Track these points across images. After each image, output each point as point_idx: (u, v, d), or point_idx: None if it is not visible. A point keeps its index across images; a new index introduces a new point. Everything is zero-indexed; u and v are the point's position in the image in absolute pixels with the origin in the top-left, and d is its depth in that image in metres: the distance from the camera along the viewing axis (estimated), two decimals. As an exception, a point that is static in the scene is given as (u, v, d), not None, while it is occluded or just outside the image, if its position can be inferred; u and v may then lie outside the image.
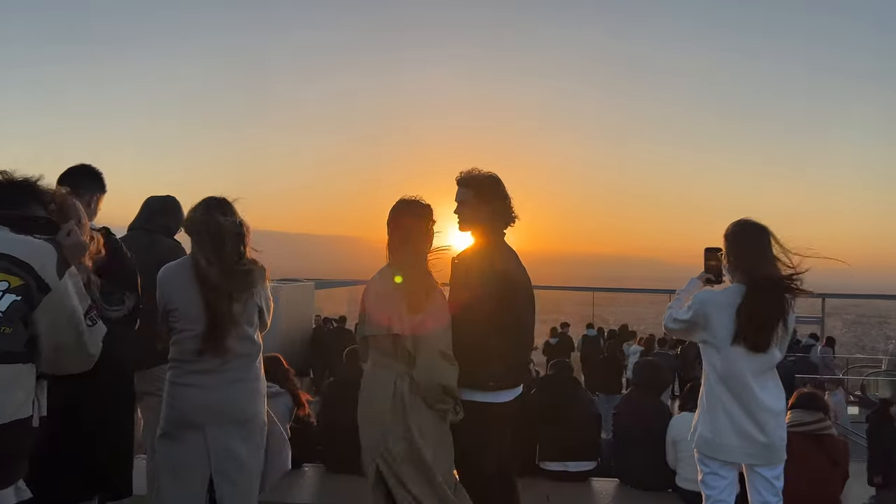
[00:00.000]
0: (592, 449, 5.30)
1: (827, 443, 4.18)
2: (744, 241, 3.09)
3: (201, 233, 2.96)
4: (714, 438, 3.10)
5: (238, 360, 2.99)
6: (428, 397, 2.96)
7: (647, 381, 5.23)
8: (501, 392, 3.11)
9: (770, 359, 3.03)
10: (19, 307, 1.90)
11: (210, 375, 2.94)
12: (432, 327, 2.94)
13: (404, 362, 3.00)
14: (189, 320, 2.94)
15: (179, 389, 2.99)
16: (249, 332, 3.02)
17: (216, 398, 2.94)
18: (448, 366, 2.94)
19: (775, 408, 3.07)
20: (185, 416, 2.96)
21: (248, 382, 3.03)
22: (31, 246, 2.00)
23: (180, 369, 2.99)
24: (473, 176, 3.24)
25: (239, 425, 2.99)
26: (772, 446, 3.06)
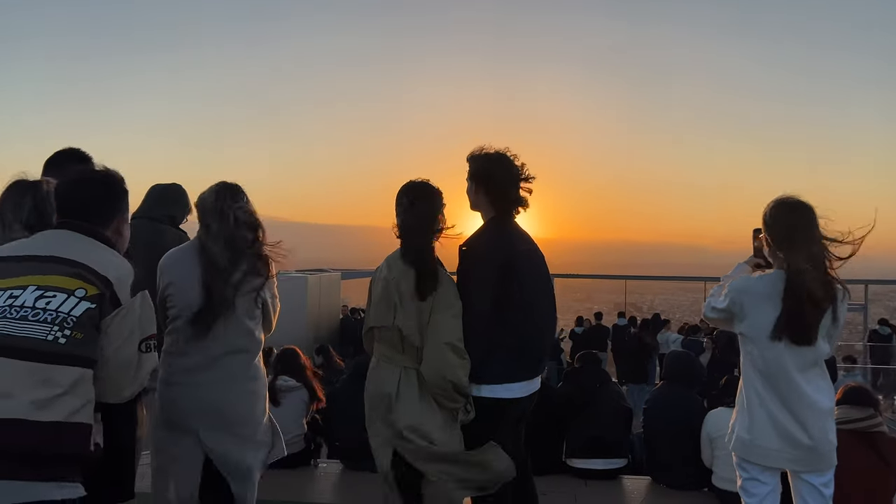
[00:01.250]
0: (622, 445, 5.02)
1: (878, 440, 3.85)
2: (782, 222, 2.76)
3: (211, 215, 2.81)
4: (753, 440, 2.80)
5: (233, 357, 2.80)
6: (437, 394, 2.74)
7: (678, 374, 4.92)
8: (508, 386, 2.86)
9: (816, 353, 2.72)
10: (92, 315, 2.00)
11: (202, 373, 2.77)
12: (440, 317, 2.71)
13: (410, 356, 2.78)
14: (186, 305, 2.77)
15: (171, 390, 2.82)
16: (248, 324, 2.82)
17: (209, 400, 2.77)
18: (458, 359, 2.71)
19: (824, 406, 2.75)
20: (178, 418, 2.81)
21: (243, 382, 2.84)
22: (112, 261, 2.15)
23: (172, 366, 2.82)
24: (473, 156, 3.01)
25: (235, 429, 2.81)
26: (818, 450, 2.74)
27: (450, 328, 2.72)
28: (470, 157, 3.02)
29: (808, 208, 2.74)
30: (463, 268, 2.91)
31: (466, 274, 2.88)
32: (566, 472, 5.05)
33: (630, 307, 22.85)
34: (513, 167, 2.99)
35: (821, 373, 2.79)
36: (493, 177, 2.95)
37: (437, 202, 2.93)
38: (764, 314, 2.73)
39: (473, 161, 3.01)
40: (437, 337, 2.71)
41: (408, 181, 2.96)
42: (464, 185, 3.08)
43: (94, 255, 2.12)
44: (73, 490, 1.96)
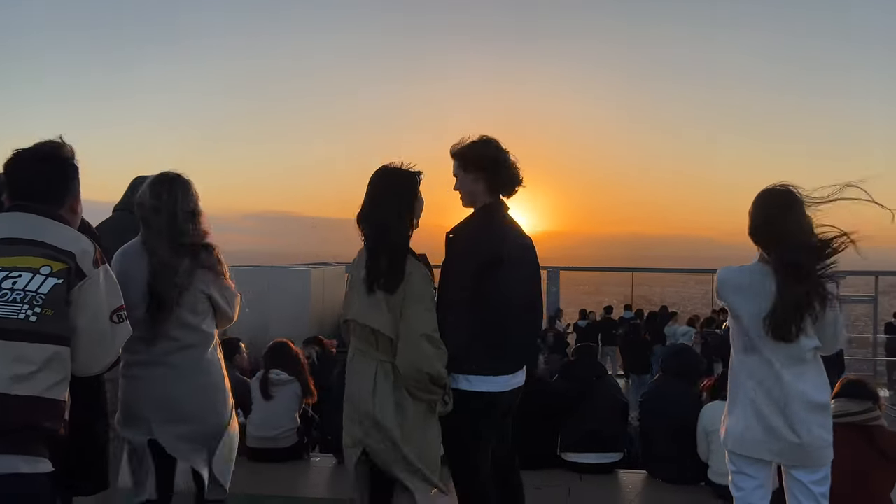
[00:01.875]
0: (617, 439, 4.96)
1: (876, 435, 3.75)
2: (761, 214, 2.66)
3: (149, 211, 2.74)
4: (739, 433, 2.72)
5: (181, 353, 2.75)
6: (412, 387, 2.67)
7: (675, 368, 4.83)
8: (488, 378, 2.78)
9: (800, 348, 2.62)
10: (60, 290, 2.06)
11: (154, 367, 2.73)
12: (412, 310, 2.64)
13: (385, 350, 2.71)
14: (132, 304, 2.68)
15: (128, 382, 2.79)
16: (192, 320, 2.74)
17: (161, 394, 2.73)
18: (434, 350, 2.63)
19: (815, 400, 2.64)
20: (133, 410, 2.79)
21: (196, 376, 2.77)
22: (72, 236, 2.22)
23: (127, 359, 2.75)
24: (462, 146, 2.90)
25: (187, 422, 2.76)
26: (806, 448, 2.63)
27: (423, 320, 2.64)
28: (461, 147, 2.91)
29: (790, 200, 2.62)
30: (447, 256, 2.83)
31: (450, 263, 2.81)
32: (561, 466, 4.99)
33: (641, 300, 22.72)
34: (504, 151, 2.90)
35: (813, 366, 2.68)
36: (493, 162, 2.86)
37: (405, 189, 2.81)
38: (743, 307, 2.65)
39: (470, 150, 2.89)
40: (410, 329, 2.63)
41: (381, 166, 2.84)
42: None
43: (53, 232, 2.18)
44: (43, 465, 2.02)
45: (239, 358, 5.60)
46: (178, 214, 2.72)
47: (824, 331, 2.63)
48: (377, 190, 2.79)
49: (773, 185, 2.68)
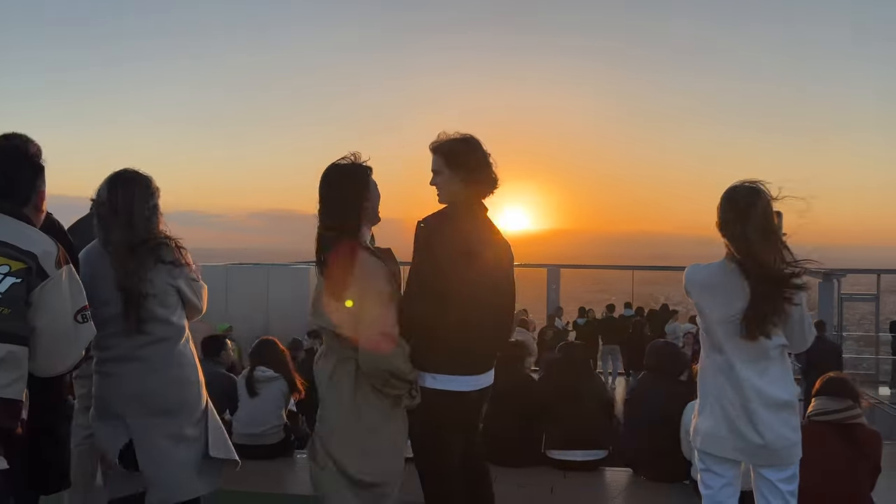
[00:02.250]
0: (602, 437, 4.95)
1: (856, 433, 3.73)
2: (727, 211, 2.64)
3: (107, 211, 2.74)
4: (705, 430, 2.72)
5: (152, 347, 2.76)
6: (375, 383, 2.67)
7: (659, 365, 4.82)
8: (455, 378, 2.76)
9: (759, 346, 2.60)
10: (19, 289, 2.06)
11: (126, 363, 2.74)
12: (368, 306, 2.62)
13: (347, 346, 2.71)
14: (101, 302, 2.72)
15: (101, 378, 2.82)
16: (162, 313, 2.75)
17: (134, 388, 2.74)
18: (392, 347, 2.62)
19: (778, 398, 2.62)
20: (106, 405, 2.80)
21: (168, 370, 2.78)
22: (34, 237, 2.20)
23: (100, 356, 2.81)
24: (444, 141, 2.87)
25: (162, 416, 2.76)
26: (770, 447, 2.62)
27: (380, 316, 2.63)
28: (440, 142, 2.88)
29: (756, 198, 2.60)
30: (415, 248, 2.79)
31: (417, 256, 2.77)
32: (545, 463, 4.99)
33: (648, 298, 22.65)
34: (483, 149, 2.89)
35: (779, 363, 2.67)
36: (476, 161, 2.85)
37: (354, 186, 2.77)
38: (710, 305, 2.65)
39: (448, 146, 2.86)
40: (367, 327, 2.63)
41: (331, 163, 2.81)
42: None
43: (15, 231, 2.17)
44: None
45: (225, 355, 5.61)
46: (136, 212, 2.73)
47: (791, 328, 2.62)
48: (326, 189, 2.77)
49: (741, 182, 2.67)
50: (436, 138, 2.88)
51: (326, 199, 2.76)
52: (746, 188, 2.63)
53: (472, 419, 2.98)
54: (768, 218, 2.56)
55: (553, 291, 17.70)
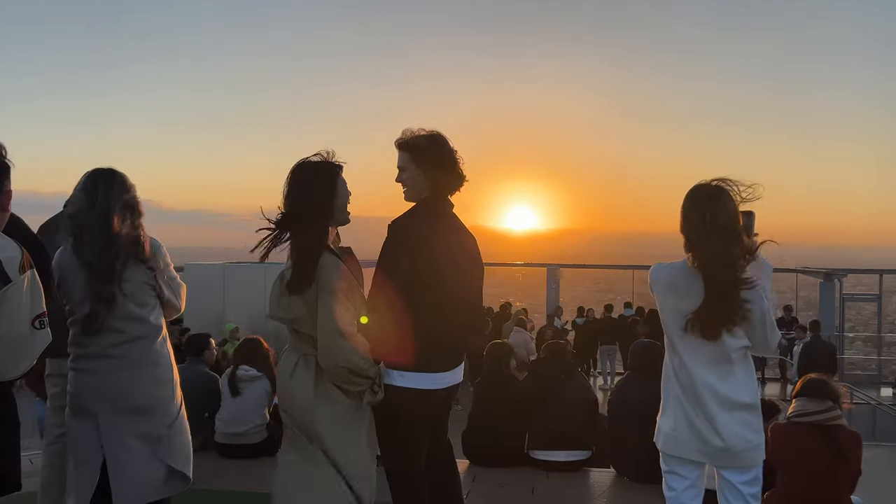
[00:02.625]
0: (586, 437, 4.91)
1: (836, 435, 3.69)
2: (687, 211, 2.60)
3: (83, 210, 2.73)
4: (667, 432, 2.69)
5: (131, 344, 2.76)
6: (336, 381, 2.64)
7: (643, 365, 4.76)
8: (422, 375, 2.73)
9: (720, 347, 2.56)
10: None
11: (102, 360, 2.75)
12: (325, 303, 2.59)
13: (308, 343, 2.69)
14: (76, 302, 2.76)
15: (75, 374, 2.82)
16: (138, 312, 2.76)
17: (108, 385, 2.75)
18: (351, 344, 2.59)
19: (738, 400, 2.57)
20: (80, 402, 2.80)
21: (143, 367, 2.79)
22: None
23: (76, 353, 2.82)
24: (411, 138, 2.84)
25: (134, 414, 2.76)
26: (730, 449, 2.57)
27: (336, 314, 2.59)
28: (406, 139, 2.85)
29: (716, 197, 2.55)
30: (384, 247, 2.77)
31: (385, 255, 2.75)
32: (528, 463, 4.96)
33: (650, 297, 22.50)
34: (449, 145, 2.86)
35: (740, 367, 2.61)
36: (444, 158, 2.82)
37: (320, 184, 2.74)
38: (667, 306, 2.61)
39: (414, 143, 2.83)
40: (323, 324, 2.60)
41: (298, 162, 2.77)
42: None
43: None
44: None
45: (208, 354, 5.59)
46: (112, 209, 2.71)
47: (753, 330, 2.57)
48: (292, 184, 2.74)
49: (705, 182, 2.64)
50: (400, 135, 2.86)
51: (292, 194, 2.73)
52: (708, 188, 2.59)
53: (440, 417, 2.96)
54: (729, 218, 2.52)
55: (553, 291, 17.65)
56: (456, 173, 2.86)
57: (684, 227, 2.61)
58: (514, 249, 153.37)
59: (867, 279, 19.98)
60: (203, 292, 11.68)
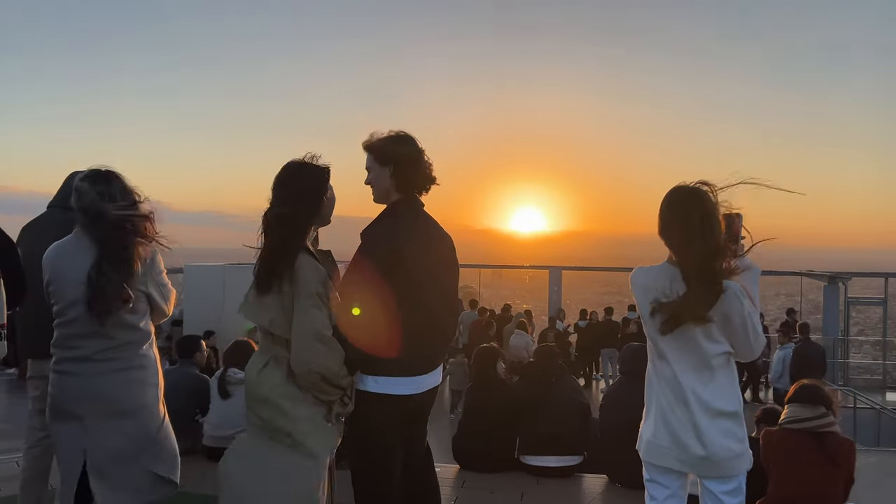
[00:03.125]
0: (577, 442, 4.84)
1: (827, 441, 3.62)
2: (665, 212, 2.54)
3: (86, 209, 2.71)
4: (649, 439, 2.62)
5: (119, 349, 2.76)
6: (307, 388, 2.58)
7: (634, 369, 4.69)
8: (396, 380, 2.67)
9: (698, 351, 2.49)
10: None
11: (90, 363, 2.73)
12: (301, 306, 2.54)
13: (282, 345, 2.63)
14: (65, 303, 2.73)
15: (59, 377, 2.79)
16: (129, 319, 2.75)
17: (95, 388, 2.73)
18: (325, 350, 2.53)
19: (720, 408, 2.50)
20: (64, 405, 2.77)
21: (131, 371, 2.78)
22: None
23: (61, 355, 2.79)
24: (375, 139, 2.80)
25: (120, 418, 2.74)
26: (712, 458, 2.49)
27: (311, 317, 2.54)
28: (375, 142, 2.81)
29: (695, 199, 2.48)
30: (357, 253, 2.72)
31: (354, 259, 2.70)
32: (518, 469, 4.89)
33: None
34: (419, 147, 2.81)
35: (721, 373, 2.54)
36: (408, 158, 2.77)
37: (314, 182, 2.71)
38: (645, 308, 2.55)
39: (377, 143, 2.80)
40: (297, 327, 2.55)
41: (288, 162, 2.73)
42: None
43: None
44: None
45: (199, 356, 5.55)
46: (109, 210, 2.69)
47: (734, 334, 2.51)
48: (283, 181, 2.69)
49: (683, 184, 2.58)
50: (374, 135, 2.82)
51: (281, 192, 2.68)
52: (684, 191, 2.53)
53: (416, 422, 2.89)
54: (706, 220, 2.45)
55: (555, 293, 17.56)
56: (421, 172, 2.81)
57: (662, 232, 2.55)
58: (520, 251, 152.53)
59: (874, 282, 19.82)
60: (203, 293, 11.62)
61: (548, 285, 18.61)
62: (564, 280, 19.01)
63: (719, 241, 2.44)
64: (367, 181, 2.84)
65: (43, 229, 3.46)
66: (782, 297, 30.04)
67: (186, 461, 4.92)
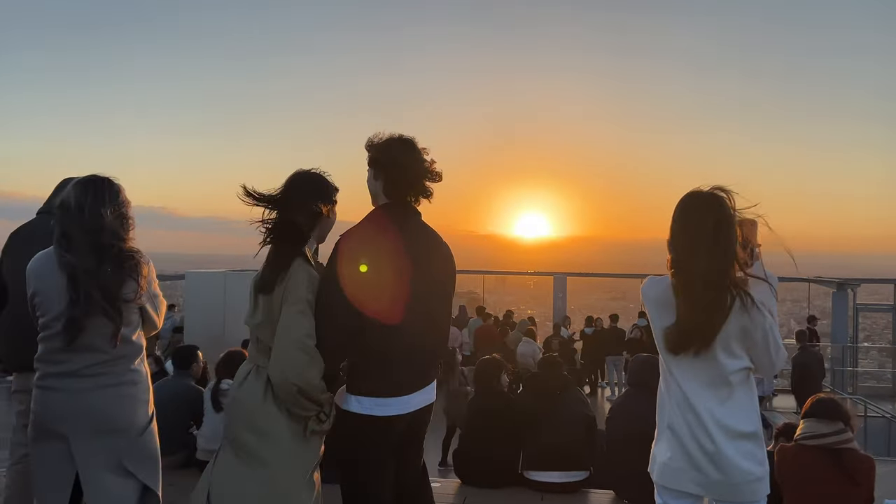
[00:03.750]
0: (583, 456, 4.67)
1: (847, 459, 3.46)
2: (677, 219, 2.39)
3: (72, 218, 2.58)
4: (662, 462, 2.45)
5: (110, 364, 2.62)
6: (284, 400, 2.43)
7: (642, 380, 4.53)
8: (380, 400, 2.52)
9: (716, 368, 2.33)
10: None
11: (77, 379, 2.59)
12: (286, 312, 2.41)
13: (265, 354, 2.50)
14: (51, 316, 2.59)
15: (44, 394, 2.63)
16: (124, 332, 2.62)
17: (83, 405, 2.59)
18: (306, 359, 2.38)
19: (739, 429, 2.33)
20: (48, 423, 2.62)
21: (121, 387, 2.64)
22: None
23: (45, 370, 2.65)
24: (372, 141, 2.69)
25: (109, 436, 2.61)
26: (732, 482, 2.33)
27: (296, 324, 2.41)
28: (369, 142, 2.71)
29: (710, 206, 2.33)
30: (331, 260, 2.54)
31: (329, 268, 2.52)
32: (522, 484, 4.73)
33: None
34: (416, 152, 2.67)
35: (740, 391, 2.38)
36: (396, 160, 2.63)
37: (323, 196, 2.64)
38: (659, 322, 2.39)
39: (371, 147, 2.70)
40: (281, 333, 2.41)
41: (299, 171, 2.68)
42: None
43: None
44: None
45: (195, 367, 5.40)
46: (106, 218, 2.59)
47: (756, 350, 2.35)
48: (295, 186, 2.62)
49: (695, 189, 2.43)
50: (375, 135, 2.70)
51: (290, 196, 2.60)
52: (700, 199, 2.38)
53: (409, 441, 2.71)
54: (721, 229, 2.31)
55: (559, 300, 17.39)
56: (408, 179, 2.65)
57: (672, 238, 2.40)
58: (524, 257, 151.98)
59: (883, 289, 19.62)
60: (204, 301, 11.53)
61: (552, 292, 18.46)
62: (569, 286, 18.85)
63: (734, 251, 2.29)
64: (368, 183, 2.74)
65: (32, 237, 3.35)
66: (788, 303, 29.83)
67: (180, 475, 4.80)
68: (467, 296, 26.91)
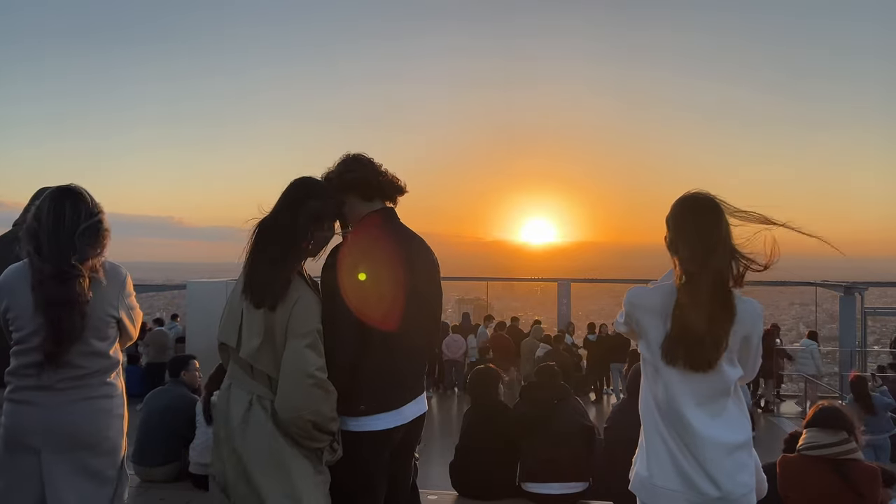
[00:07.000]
0: (582, 468, 4.56)
1: (850, 469, 3.35)
2: (676, 224, 2.30)
3: (46, 230, 2.51)
4: (651, 480, 2.31)
5: (85, 379, 2.56)
6: (294, 434, 2.32)
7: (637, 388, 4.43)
8: (375, 416, 2.45)
9: (720, 380, 2.23)
10: None
11: (51, 393, 2.51)
12: (293, 345, 2.30)
13: (263, 382, 2.39)
14: (27, 332, 2.51)
15: (14, 407, 2.56)
16: (98, 346, 2.56)
17: (56, 419, 2.52)
18: (321, 394, 2.28)
19: (731, 441, 2.23)
20: (19, 437, 2.54)
21: (95, 401, 2.58)
22: None
23: (17, 384, 2.57)
24: (327, 178, 2.64)
25: (82, 450, 2.54)
26: (727, 498, 2.21)
27: (306, 359, 2.29)
28: (326, 179, 2.65)
29: (711, 209, 2.25)
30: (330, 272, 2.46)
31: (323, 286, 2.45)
32: (520, 496, 4.63)
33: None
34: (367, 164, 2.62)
35: (734, 402, 2.28)
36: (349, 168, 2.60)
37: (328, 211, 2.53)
38: (655, 333, 2.28)
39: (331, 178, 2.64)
40: (291, 367, 2.29)
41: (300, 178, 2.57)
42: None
43: None
44: None
45: (187, 375, 5.32)
46: (80, 229, 2.52)
47: (748, 357, 2.28)
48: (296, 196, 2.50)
49: (692, 192, 2.33)
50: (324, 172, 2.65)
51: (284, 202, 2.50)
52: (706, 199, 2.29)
53: (400, 458, 2.66)
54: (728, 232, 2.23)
55: (564, 306, 17.25)
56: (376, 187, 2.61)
57: (671, 243, 2.30)
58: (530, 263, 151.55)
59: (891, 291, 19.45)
60: (206, 310, 11.48)
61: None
62: (574, 292, 18.70)
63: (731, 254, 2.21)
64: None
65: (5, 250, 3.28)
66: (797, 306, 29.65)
67: (172, 488, 4.72)
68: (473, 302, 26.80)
